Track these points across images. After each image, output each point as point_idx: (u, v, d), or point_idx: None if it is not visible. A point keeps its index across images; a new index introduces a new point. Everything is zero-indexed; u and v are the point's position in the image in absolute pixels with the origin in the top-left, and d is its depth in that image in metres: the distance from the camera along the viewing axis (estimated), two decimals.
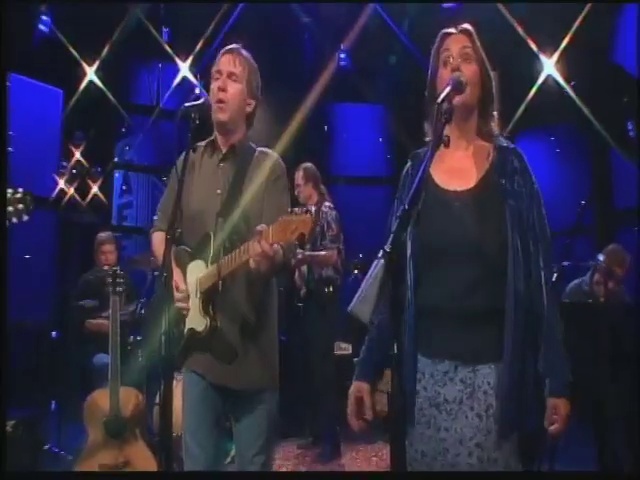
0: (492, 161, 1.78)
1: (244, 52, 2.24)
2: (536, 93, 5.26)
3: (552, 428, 1.65)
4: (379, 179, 6.76)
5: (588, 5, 4.88)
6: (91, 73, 5.25)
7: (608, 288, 3.16)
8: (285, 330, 4.51)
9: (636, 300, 3.69)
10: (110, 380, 3.03)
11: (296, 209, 1.94)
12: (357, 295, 1.40)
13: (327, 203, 4.33)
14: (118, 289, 3.13)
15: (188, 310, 2.11)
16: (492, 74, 1.81)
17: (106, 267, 3.84)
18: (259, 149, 2.26)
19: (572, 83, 5.37)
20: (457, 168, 1.80)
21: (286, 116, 5.61)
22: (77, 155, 5.35)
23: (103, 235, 4.36)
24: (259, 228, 1.86)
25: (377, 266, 1.37)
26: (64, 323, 4.51)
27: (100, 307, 3.87)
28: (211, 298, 2.09)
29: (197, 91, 5.82)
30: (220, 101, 2.15)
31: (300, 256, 4.16)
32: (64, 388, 4.43)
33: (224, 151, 2.21)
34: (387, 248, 1.38)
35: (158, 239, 2.31)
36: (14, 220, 2.23)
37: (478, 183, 1.76)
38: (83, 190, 5.48)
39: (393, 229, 1.41)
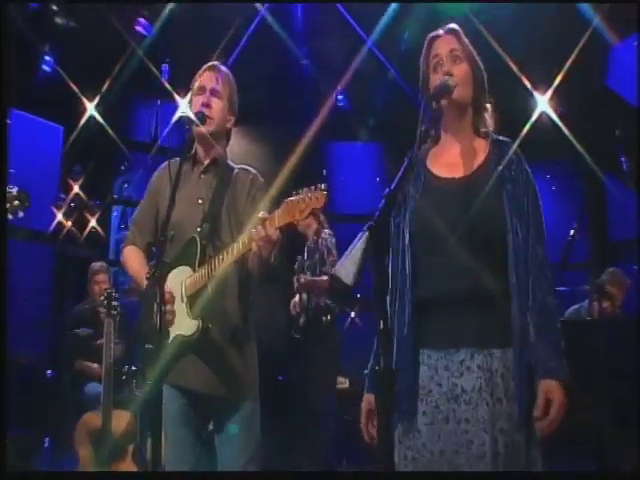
0: (489, 152, 1.81)
1: (224, 69, 2.33)
2: (530, 130, 5.31)
3: (544, 421, 1.59)
4: None
5: (582, 40, 4.97)
6: (91, 108, 5.34)
7: (603, 307, 3.13)
8: (283, 367, 4.45)
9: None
10: (102, 401, 2.99)
11: (300, 190, 1.93)
12: (340, 261, 1.42)
13: (326, 230, 4.39)
14: (112, 312, 3.11)
15: (173, 315, 2.10)
16: (483, 68, 1.86)
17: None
18: (238, 166, 2.34)
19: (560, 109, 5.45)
20: (454, 161, 1.83)
21: (284, 155, 5.69)
22: (76, 189, 5.39)
23: (96, 265, 4.37)
24: (262, 215, 1.91)
25: (361, 238, 1.39)
26: (57, 353, 4.46)
27: (94, 336, 3.85)
28: (199, 301, 2.09)
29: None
30: (207, 117, 2.21)
31: (302, 280, 4.19)
32: (58, 423, 4.36)
33: (205, 163, 2.28)
34: (372, 222, 1.39)
35: (131, 253, 2.33)
36: (10, 217, 2.24)
37: (475, 170, 1.79)
38: (81, 224, 5.50)
39: (379, 207, 1.43)
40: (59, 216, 5.11)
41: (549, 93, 5.32)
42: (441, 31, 1.87)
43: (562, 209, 5.99)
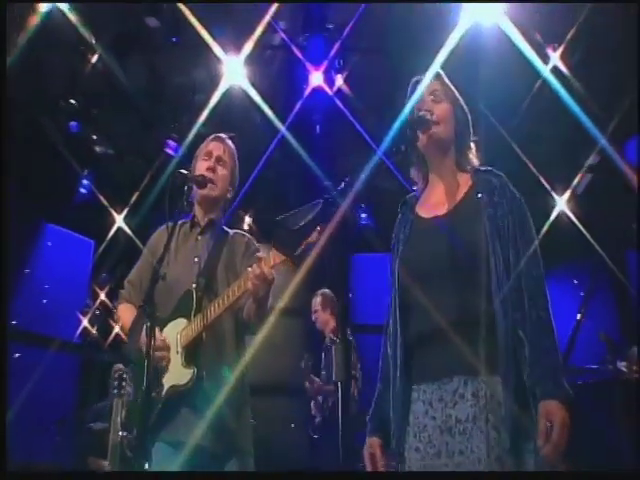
0: (471, 183, 1.84)
1: (231, 143, 2.48)
2: (549, 230, 5.36)
3: (548, 447, 1.48)
4: None
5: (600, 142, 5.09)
6: (120, 220, 5.62)
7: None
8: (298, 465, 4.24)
9: None
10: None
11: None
12: None
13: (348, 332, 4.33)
14: (122, 392, 3.06)
15: (167, 367, 2.08)
16: (466, 109, 1.93)
17: None
18: (233, 230, 2.41)
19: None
20: (438, 200, 1.87)
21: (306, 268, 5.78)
22: (102, 296, 5.55)
23: (119, 367, 4.35)
24: (259, 255, 1.96)
25: None
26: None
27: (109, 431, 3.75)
28: (194, 350, 2.08)
29: None
30: (211, 181, 2.32)
31: (315, 386, 4.10)
32: None
33: (203, 225, 2.35)
34: None
35: (124, 311, 2.38)
36: None
37: (458, 204, 1.82)
38: (105, 330, 5.57)
39: None
40: (84, 322, 5.22)
41: (567, 194, 5.41)
42: (425, 75, 1.99)
43: (592, 311, 5.86)
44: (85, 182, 6.26)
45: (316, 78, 5.69)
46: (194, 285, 2.20)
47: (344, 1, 4.89)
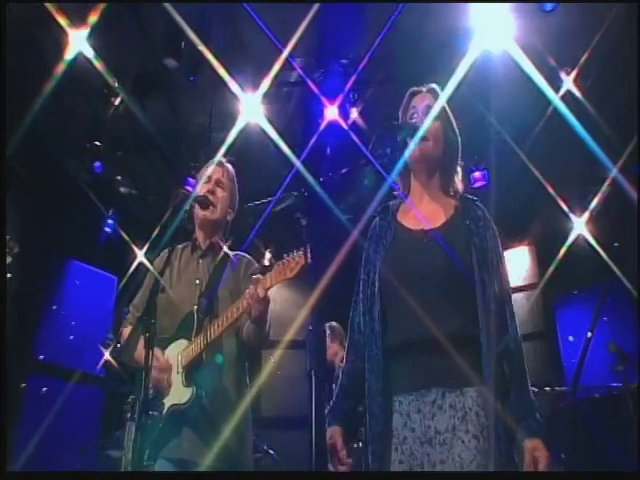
0: (457, 207, 1.88)
1: (230, 167, 2.54)
2: (568, 254, 5.29)
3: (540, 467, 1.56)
4: None
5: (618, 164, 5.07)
6: (141, 255, 5.70)
7: None
8: None
9: None
10: None
11: (287, 254, 2.02)
12: None
13: None
14: (134, 416, 3.08)
15: (169, 387, 2.10)
16: (457, 131, 1.95)
17: None
18: (234, 252, 2.46)
19: (615, 244, 5.39)
20: (423, 214, 1.89)
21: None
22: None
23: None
24: (256, 277, 1.98)
25: None
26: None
27: None
28: (194, 370, 2.11)
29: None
30: (211, 203, 2.38)
31: None
32: None
33: (204, 248, 2.39)
34: None
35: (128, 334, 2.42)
36: None
37: (445, 222, 1.85)
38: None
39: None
40: (107, 355, 5.28)
41: (586, 215, 5.36)
42: (423, 88, 2.03)
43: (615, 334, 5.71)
44: (110, 222, 6.40)
45: (331, 112, 5.79)
46: (195, 306, 2.23)
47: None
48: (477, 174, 5.60)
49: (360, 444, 3.36)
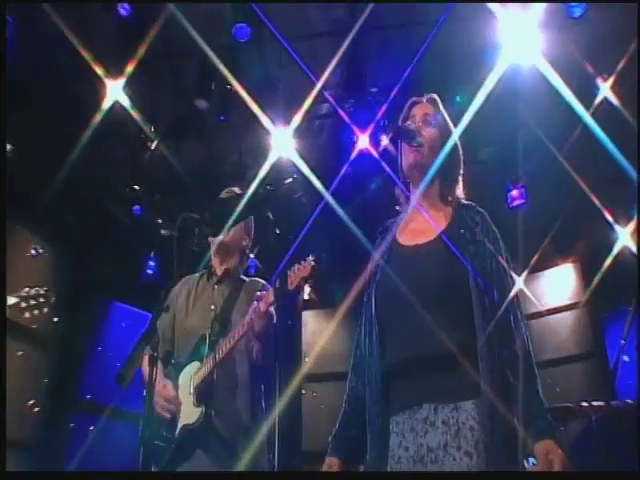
0: (452, 217, 1.83)
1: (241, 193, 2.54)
2: (614, 267, 5.09)
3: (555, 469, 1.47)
4: None
5: None
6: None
7: None
8: None
9: None
10: None
11: (291, 267, 2.11)
12: None
13: None
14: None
15: (180, 409, 2.10)
16: (458, 142, 1.92)
17: None
18: (249, 278, 2.48)
19: None
20: (419, 228, 1.86)
21: None
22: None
23: None
24: (259, 294, 2.00)
25: None
26: None
27: None
28: (205, 390, 2.11)
29: None
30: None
31: None
32: None
33: (219, 274, 2.40)
34: None
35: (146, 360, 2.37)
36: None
37: (438, 236, 1.80)
38: None
39: None
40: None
41: (631, 225, 5.18)
42: (423, 98, 2.01)
43: None
44: (151, 263, 6.52)
45: (362, 141, 5.82)
46: (209, 330, 2.25)
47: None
48: (514, 192, 5.48)
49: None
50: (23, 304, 2.60)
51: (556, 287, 6.11)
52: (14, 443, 4.61)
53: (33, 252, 5.65)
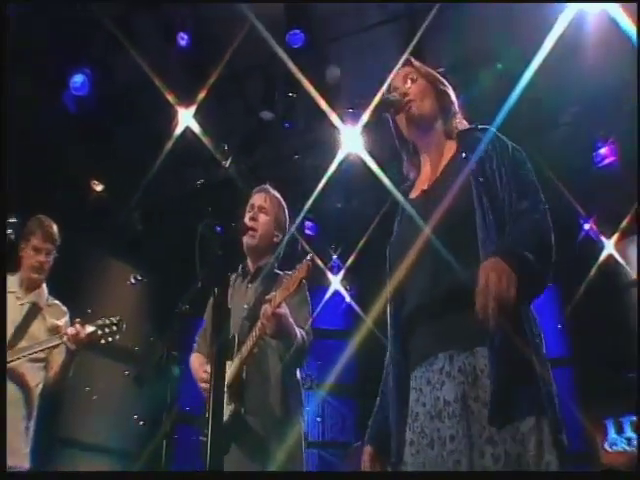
0: (456, 148, 1.77)
1: (273, 192, 2.56)
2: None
3: (479, 297, 1.33)
4: None
5: None
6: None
7: None
8: None
9: None
10: None
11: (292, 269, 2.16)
12: None
13: None
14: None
15: None
16: (446, 83, 1.89)
17: None
18: (284, 272, 2.47)
19: None
20: (425, 178, 1.82)
21: None
22: None
23: None
24: (269, 296, 2.00)
25: None
26: None
27: None
28: (235, 388, 2.20)
29: None
30: (251, 229, 2.37)
31: None
32: None
33: (252, 272, 2.39)
34: None
35: (194, 359, 2.60)
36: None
37: (439, 174, 1.75)
38: None
39: None
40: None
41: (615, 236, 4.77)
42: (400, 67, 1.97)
43: None
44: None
45: None
46: (238, 329, 2.32)
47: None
48: (604, 150, 5.10)
49: None
50: (99, 332, 2.78)
51: None
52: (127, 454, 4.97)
53: (132, 280, 5.92)
